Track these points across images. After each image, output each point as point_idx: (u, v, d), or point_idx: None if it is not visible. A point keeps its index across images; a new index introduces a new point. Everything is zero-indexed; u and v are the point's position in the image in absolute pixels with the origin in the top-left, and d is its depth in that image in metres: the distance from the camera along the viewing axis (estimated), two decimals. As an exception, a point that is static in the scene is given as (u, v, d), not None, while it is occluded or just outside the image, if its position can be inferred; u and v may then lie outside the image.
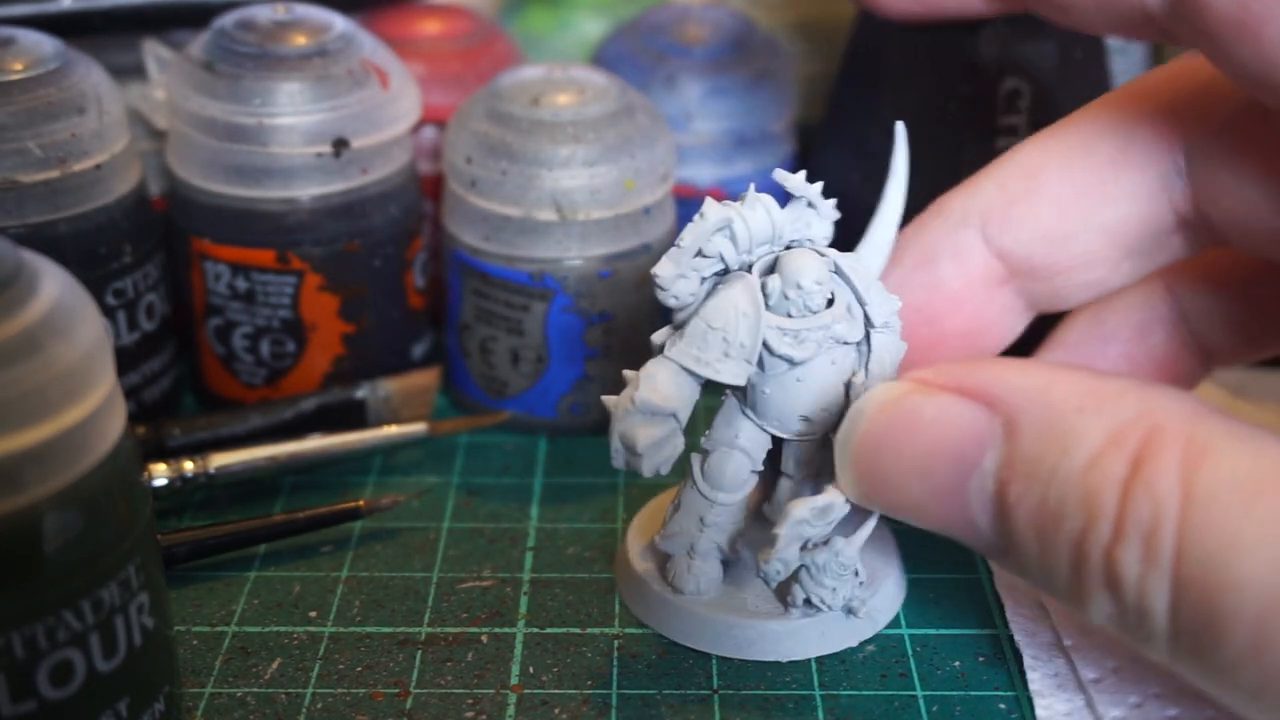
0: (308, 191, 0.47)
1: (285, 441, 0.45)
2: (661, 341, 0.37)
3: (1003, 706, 0.37)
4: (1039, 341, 0.43)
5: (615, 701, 0.37)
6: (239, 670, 0.38)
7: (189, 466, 0.44)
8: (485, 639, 0.40)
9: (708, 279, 0.36)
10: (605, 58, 0.56)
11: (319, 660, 0.39)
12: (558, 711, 0.37)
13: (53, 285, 0.29)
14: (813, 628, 0.39)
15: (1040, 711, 0.36)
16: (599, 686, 0.38)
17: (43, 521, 0.28)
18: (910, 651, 0.39)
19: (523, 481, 0.47)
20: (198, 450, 0.45)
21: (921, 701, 0.37)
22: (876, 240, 0.38)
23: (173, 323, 0.50)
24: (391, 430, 0.47)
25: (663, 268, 0.36)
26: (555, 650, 0.39)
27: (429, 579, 0.42)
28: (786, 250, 0.37)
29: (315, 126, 0.47)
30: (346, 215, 0.48)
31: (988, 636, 0.40)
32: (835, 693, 0.38)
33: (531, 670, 0.38)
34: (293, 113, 0.46)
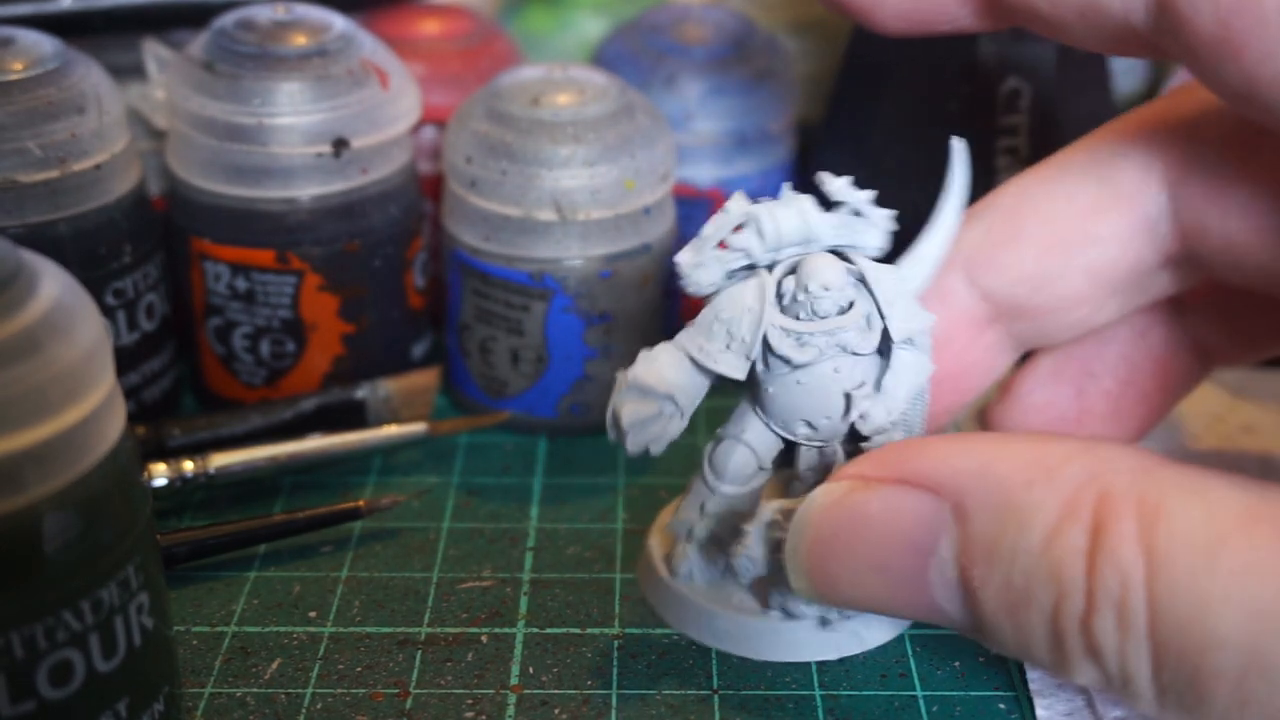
0: (308, 191, 0.47)
1: (285, 441, 0.45)
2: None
3: (1002, 706, 0.37)
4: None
5: (615, 701, 0.37)
6: (239, 670, 0.38)
7: (189, 466, 0.44)
8: (485, 639, 0.40)
9: (736, 272, 0.36)
10: (605, 58, 0.56)
11: (319, 660, 0.39)
12: (558, 711, 0.37)
13: (52, 285, 0.29)
14: (788, 633, 0.39)
15: (1040, 712, 0.36)
16: (599, 686, 0.38)
17: (42, 521, 0.28)
18: (910, 651, 0.39)
19: (523, 481, 0.47)
20: (198, 450, 0.45)
21: (921, 701, 0.37)
22: (921, 254, 0.37)
23: (173, 323, 0.50)
24: (391, 430, 0.47)
25: (683, 255, 0.36)
26: (555, 650, 0.39)
27: (429, 579, 0.42)
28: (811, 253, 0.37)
29: (315, 126, 0.47)
30: (346, 215, 0.48)
31: (988, 636, 0.40)
32: (835, 693, 0.38)
33: (531, 670, 0.38)
34: (292, 113, 0.46)
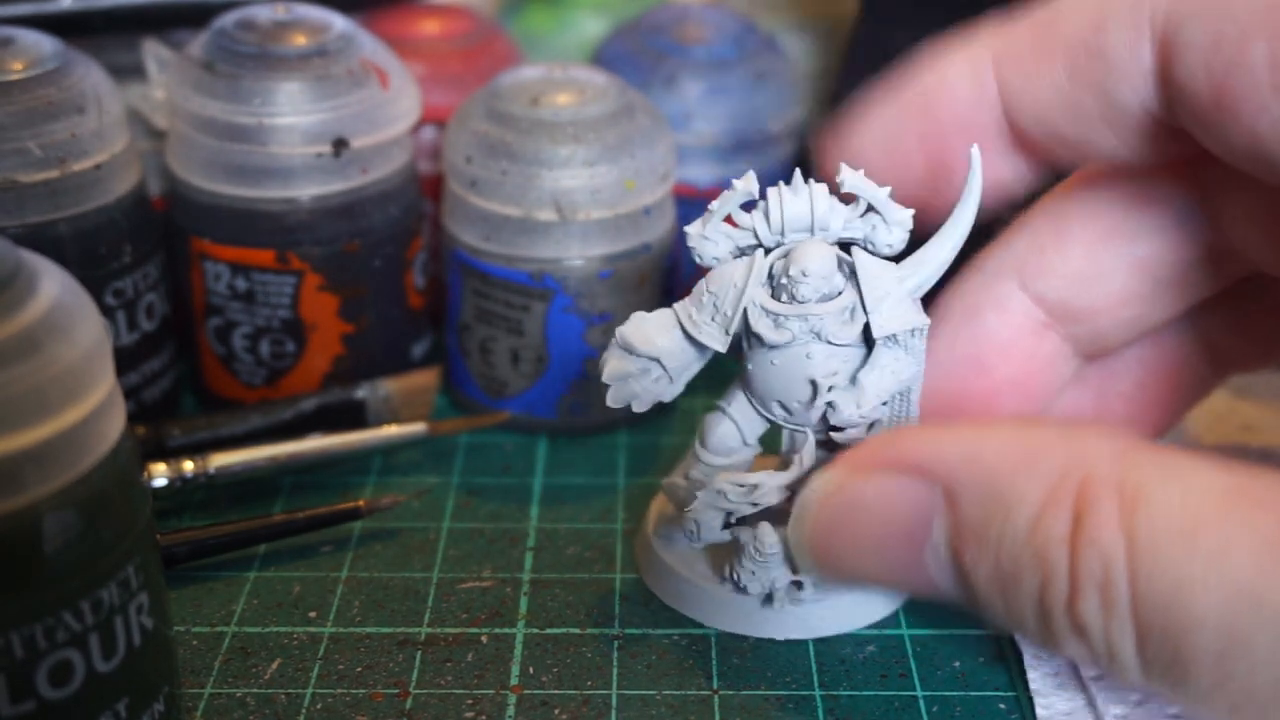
0: (308, 191, 0.47)
1: (285, 441, 0.45)
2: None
3: (1002, 706, 0.37)
4: None
5: (615, 702, 0.37)
6: (239, 670, 0.38)
7: (189, 466, 0.44)
8: (485, 639, 0.40)
9: (747, 249, 0.37)
10: (605, 58, 0.56)
11: (319, 660, 0.39)
12: (558, 712, 0.37)
13: (52, 285, 0.29)
14: (736, 606, 0.39)
15: (1040, 711, 0.36)
16: (599, 686, 0.38)
17: (42, 521, 0.28)
18: (910, 651, 0.39)
19: (523, 481, 0.47)
20: (198, 450, 0.45)
21: (921, 701, 0.37)
22: (925, 256, 0.37)
23: (173, 323, 0.50)
24: (391, 430, 0.47)
25: (692, 225, 0.37)
26: (555, 650, 0.39)
27: (429, 579, 0.42)
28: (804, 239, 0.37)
29: (315, 126, 0.47)
30: (346, 215, 0.48)
31: (988, 636, 0.40)
32: (835, 693, 0.38)
33: (531, 670, 0.38)
34: (292, 113, 0.46)
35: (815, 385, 0.37)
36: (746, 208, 0.37)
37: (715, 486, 0.37)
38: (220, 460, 0.44)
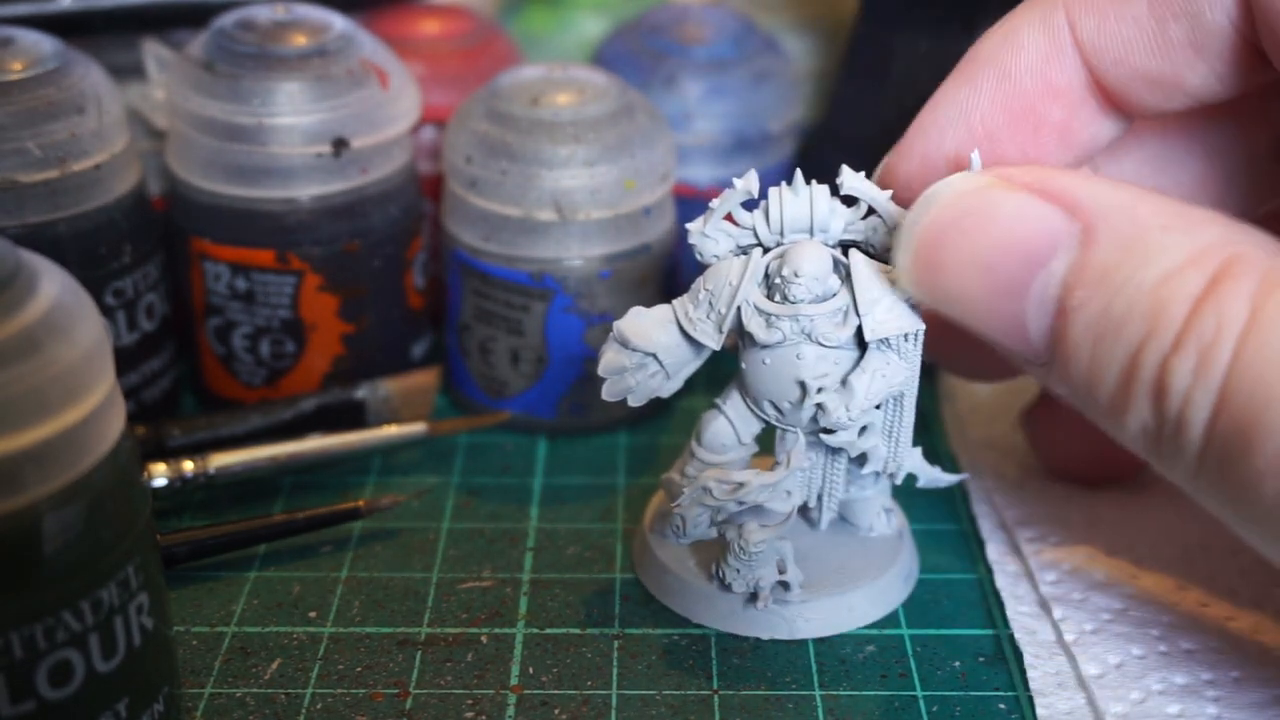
0: (307, 191, 0.47)
1: (285, 441, 0.45)
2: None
3: (1003, 706, 0.37)
4: None
5: (615, 702, 0.37)
6: (238, 670, 0.38)
7: (189, 466, 0.44)
8: (485, 639, 0.40)
9: (747, 248, 0.37)
10: (605, 58, 0.56)
11: (319, 660, 0.39)
12: (558, 712, 0.37)
13: (52, 285, 0.29)
14: (721, 603, 0.40)
15: (1041, 710, 0.36)
16: (599, 686, 0.38)
17: (42, 521, 0.28)
18: (910, 651, 0.39)
19: (523, 481, 0.47)
20: (198, 450, 0.45)
21: (921, 701, 0.37)
22: None
23: (173, 323, 0.50)
24: (391, 430, 0.47)
25: (694, 223, 0.38)
26: (555, 650, 0.39)
27: (429, 579, 0.42)
28: (801, 240, 0.37)
29: (315, 126, 0.47)
30: (346, 215, 0.48)
31: (988, 636, 0.40)
32: (835, 693, 0.38)
33: (531, 670, 0.38)
34: (292, 113, 0.46)
35: (805, 386, 0.37)
36: (749, 207, 0.37)
37: (701, 483, 0.37)
38: (220, 460, 0.44)
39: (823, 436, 0.38)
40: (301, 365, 0.49)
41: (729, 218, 0.37)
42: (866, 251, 0.37)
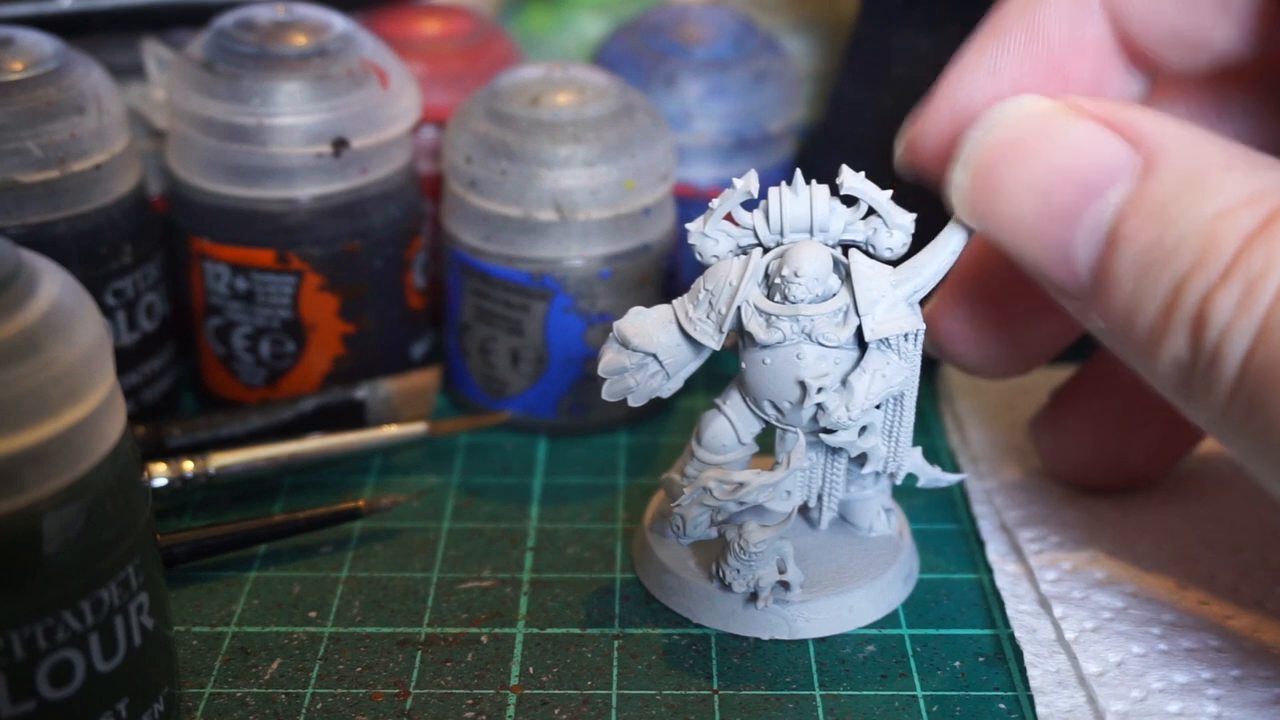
0: (308, 191, 0.47)
1: (285, 441, 0.45)
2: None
3: (1003, 706, 0.37)
4: None
5: (615, 702, 0.37)
6: (238, 670, 0.38)
7: (189, 466, 0.44)
8: (485, 639, 0.40)
9: (747, 248, 0.37)
10: (605, 58, 0.56)
11: (319, 660, 0.39)
12: (558, 712, 0.37)
13: (52, 285, 0.29)
14: (721, 603, 0.40)
15: (1041, 709, 0.36)
16: (599, 686, 0.38)
17: (42, 521, 0.28)
18: (910, 651, 0.39)
19: (523, 481, 0.47)
20: (198, 450, 0.45)
21: (921, 701, 0.37)
22: (922, 261, 0.37)
23: (173, 323, 0.50)
24: (391, 430, 0.47)
25: (694, 223, 0.38)
26: (555, 650, 0.39)
27: (429, 579, 0.42)
28: (801, 240, 0.37)
29: (315, 126, 0.47)
30: (346, 215, 0.48)
31: (988, 636, 0.40)
32: (835, 693, 0.38)
33: (531, 670, 0.38)
34: (292, 113, 0.46)
35: (805, 386, 0.37)
36: (748, 207, 0.37)
37: (701, 483, 0.37)
38: (220, 460, 0.44)
39: (823, 436, 0.38)
40: (301, 365, 0.49)
41: (729, 218, 0.37)
42: (866, 252, 0.37)
